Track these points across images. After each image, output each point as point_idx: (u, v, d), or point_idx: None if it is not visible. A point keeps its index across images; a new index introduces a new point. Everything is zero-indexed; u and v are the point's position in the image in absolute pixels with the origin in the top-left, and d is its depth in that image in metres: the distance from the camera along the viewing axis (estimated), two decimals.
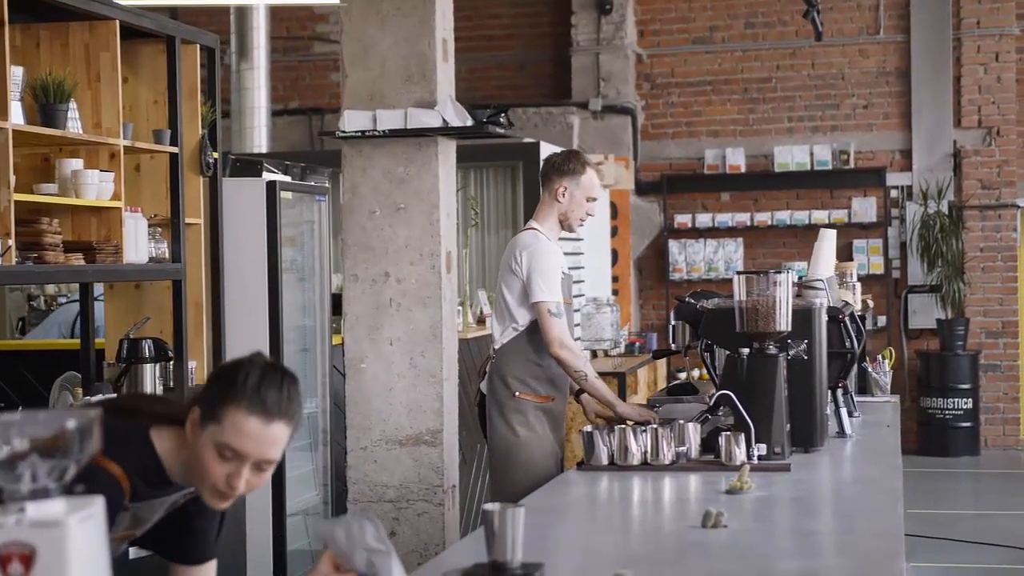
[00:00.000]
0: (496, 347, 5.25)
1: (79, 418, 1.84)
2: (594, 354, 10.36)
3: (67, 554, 1.78)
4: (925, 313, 12.37)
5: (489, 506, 2.67)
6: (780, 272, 4.42)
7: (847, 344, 5.02)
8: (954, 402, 12.01)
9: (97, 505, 1.84)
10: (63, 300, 8.83)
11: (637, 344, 11.02)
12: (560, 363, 5.08)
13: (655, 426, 4.27)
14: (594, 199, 5.30)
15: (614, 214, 12.33)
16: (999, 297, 12.38)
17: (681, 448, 4.24)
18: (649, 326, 12.80)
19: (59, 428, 1.83)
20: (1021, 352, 12.52)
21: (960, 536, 8.67)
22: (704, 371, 12.32)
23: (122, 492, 2.53)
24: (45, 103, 4.94)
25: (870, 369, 6.35)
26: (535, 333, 5.13)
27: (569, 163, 5.28)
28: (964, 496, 10.72)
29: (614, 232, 12.32)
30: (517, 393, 5.15)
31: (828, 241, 5.48)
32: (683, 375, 12.14)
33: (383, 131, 5.85)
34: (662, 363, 11.00)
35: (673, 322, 5.18)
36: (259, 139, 10.51)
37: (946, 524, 9.10)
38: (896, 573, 2.81)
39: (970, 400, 12.04)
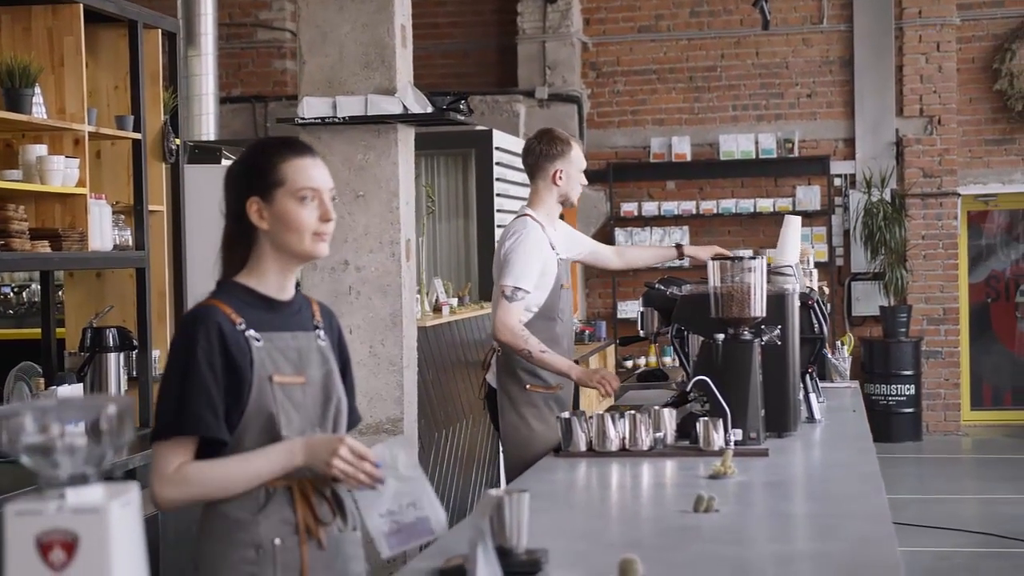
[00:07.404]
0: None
1: (118, 403, 1.83)
2: None
3: (109, 540, 1.76)
4: (868, 300, 12.51)
5: (495, 492, 2.68)
6: (755, 258, 4.44)
7: (816, 329, 5.06)
8: (897, 388, 12.16)
9: (134, 492, 1.82)
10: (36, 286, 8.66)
11: (587, 332, 11.05)
12: (503, 347, 5.06)
13: (632, 412, 4.28)
14: (584, 168, 5.43)
15: None
16: (940, 284, 12.53)
17: (657, 434, 4.26)
18: (596, 315, 12.83)
19: (97, 413, 1.81)
20: (962, 339, 12.69)
21: (906, 520, 8.77)
22: (656, 358, 12.35)
23: (226, 315, 2.77)
24: (10, 87, 4.86)
25: (829, 355, 6.40)
26: (539, 321, 5.09)
27: (556, 146, 5.30)
28: (908, 481, 10.84)
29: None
30: (528, 386, 5.11)
31: (793, 227, 5.51)
32: (629, 363, 12.21)
33: (343, 118, 5.81)
34: (611, 351, 11.04)
35: (641, 308, 5.17)
36: (207, 127, 10.39)
37: (891, 508, 9.17)
38: (894, 555, 2.84)
39: (912, 386, 12.19)
